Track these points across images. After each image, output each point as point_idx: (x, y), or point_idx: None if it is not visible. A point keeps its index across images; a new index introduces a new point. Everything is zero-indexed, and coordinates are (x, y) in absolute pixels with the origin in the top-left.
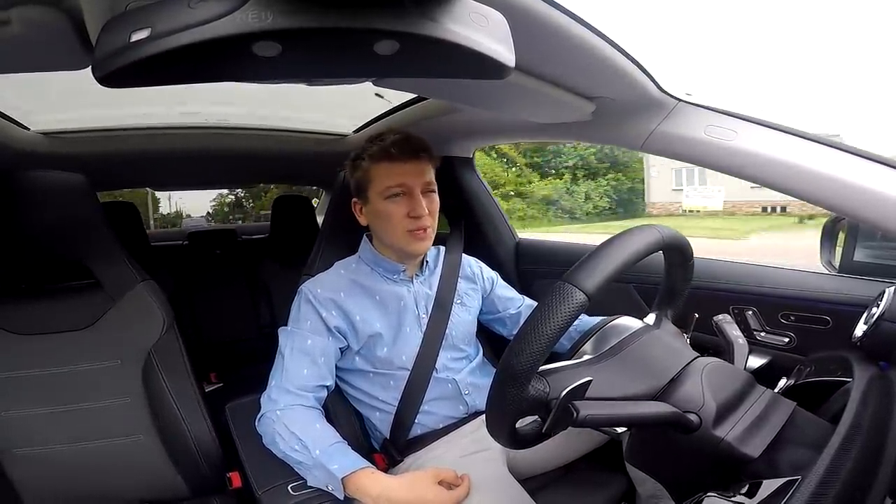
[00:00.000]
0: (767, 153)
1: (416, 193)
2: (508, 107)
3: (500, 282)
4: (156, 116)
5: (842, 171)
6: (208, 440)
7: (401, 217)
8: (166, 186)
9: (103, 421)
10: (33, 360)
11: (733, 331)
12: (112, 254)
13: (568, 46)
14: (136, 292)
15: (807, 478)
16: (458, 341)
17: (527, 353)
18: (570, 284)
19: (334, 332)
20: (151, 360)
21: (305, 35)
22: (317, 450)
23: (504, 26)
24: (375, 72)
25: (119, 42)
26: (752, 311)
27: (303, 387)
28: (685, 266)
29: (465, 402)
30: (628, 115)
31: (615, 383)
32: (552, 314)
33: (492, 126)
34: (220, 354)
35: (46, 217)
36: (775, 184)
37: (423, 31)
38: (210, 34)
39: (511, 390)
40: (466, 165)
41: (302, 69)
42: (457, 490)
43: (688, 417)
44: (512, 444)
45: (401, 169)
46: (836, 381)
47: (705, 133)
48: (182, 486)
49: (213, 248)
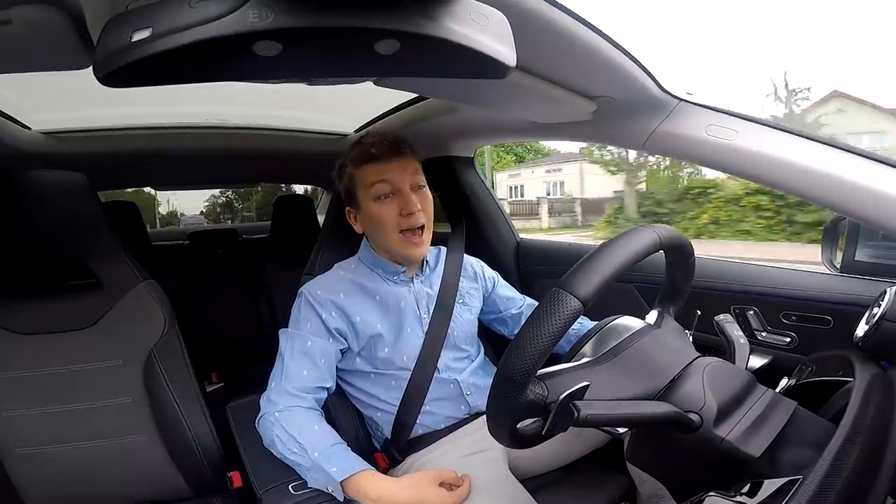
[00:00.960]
0: (768, 153)
1: (405, 190)
2: (509, 106)
3: (500, 281)
4: (157, 116)
5: (843, 171)
6: (209, 440)
7: (393, 217)
8: (167, 186)
9: (104, 421)
10: (34, 359)
11: (734, 330)
12: (113, 253)
13: (569, 46)
14: (138, 292)
15: (808, 477)
16: (459, 341)
17: (523, 359)
18: (563, 291)
19: (334, 334)
20: (153, 359)
21: (306, 34)
22: (315, 452)
23: (505, 25)
24: (376, 71)
25: (120, 42)
26: (753, 310)
27: (302, 388)
28: (686, 264)
29: (467, 402)
30: (629, 114)
31: (615, 385)
32: (546, 321)
33: (493, 125)
34: (221, 354)
35: (47, 216)
36: (776, 183)
37: (424, 31)
38: (211, 34)
39: (509, 395)
40: (467, 165)
41: (302, 68)
42: (458, 491)
43: (689, 417)
44: (513, 445)
45: (384, 167)
46: (838, 381)
47: (706, 133)
48: (183, 485)
49: (214, 247)
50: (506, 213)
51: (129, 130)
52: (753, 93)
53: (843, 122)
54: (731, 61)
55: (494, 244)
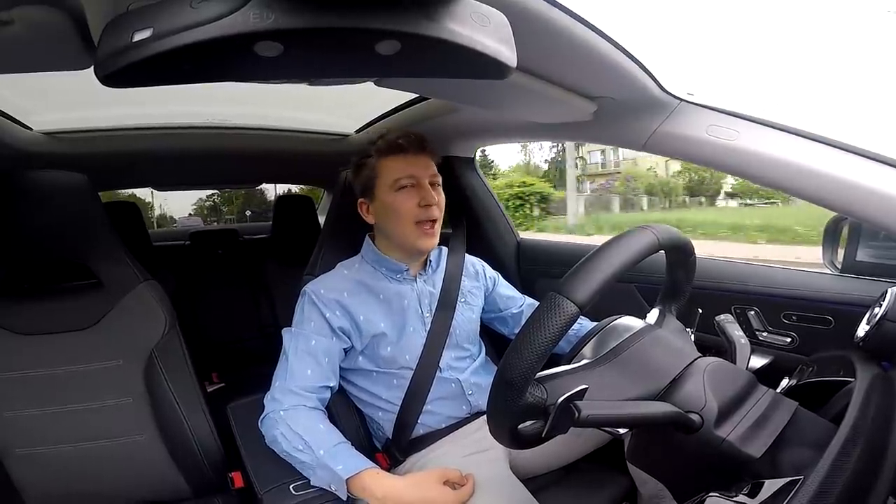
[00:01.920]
0: (770, 153)
1: (424, 184)
2: (510, 107)
3: (501, 281)
4: (158, 116)
5: (844, 171)
6: (210, 440)
7: (410, 207)
8: (168, 186)
9: (105, 421)
10: (35, 360)
11: (735, 331)
12: (114, 253)
13: (569, 46)
14: (138, 292)
15: (809, 478)
16: (461, 340)
17: (520, 364)
18: (560, 296)
19: (338, 333)
20: (153, 359)
21: (307, 35)
22: (321, 450)
23: (505, 26)
24: (377, 71)
25: (121, 42)
26: (754, 310)
27: (307, 387)
28: (686, 263)
29: (469, 401)
30: (630, 115)
31: (615, 387)
32: (543, 326)
33: (493, 126)
34: (222, 354)
35: (48, 217)
36: (778, 183)
37: (425, 31)
38: (212, 34)
39: (508, 399)
40: (468, 165)
41: (303, 69)
42: (461, 490)
43: (690, 417)
44: (514, 445)
45: (410, 160)
46: (839, 382)
47: (707, 133)
48: (184, 486)
49: (214, 247)
50: (506, 213)
51: (130, 131)
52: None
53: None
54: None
55: (495, 244)
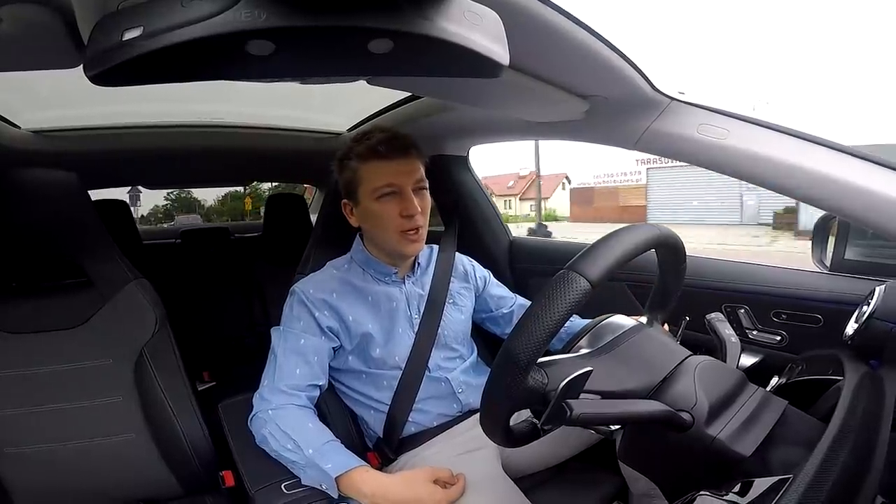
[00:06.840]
0: (760, 151)
1: (407, 192)
2: (502, 105)
3: (492, 280)
4: (148, 114)
5: (833, 170)
6: (201, 439)
7: (393, 217)
8: (158, 185)
9: (95, 420)
10: (24, 358)
11: (726, 329)
12: (104, 252)
13: (561, 45)
14: (129, 291)
15: (798, 476)
16: (450, 341)
17: (529, 339)
18: (574, 272)
19: (327, 332)
20: (143, 358)
21: (299, 34)
22: (310, 449)
23: (498, 24)
24: (369, 70)
25: (111, 40)
26: (744, 309)
27: (295, 386)
28: (677, 270)
29: (459, 400)
30: (621, 113)
31: (611, 377)
32: (556, 301)
33: (486, 125)
34: (212, 353)
35: (38, 215)
36: (767, 182)
37: (418, 30)
38: (202, 32)
39: (510, 378)
40: (461, 164)
41: (295, 68)
42: (452, 489)
43: (680, 416)
44: (505, 442)
45: (390, 168)
46: (828, 380)
47: (698, 132)
48: (175, 484)
49: (205, 246)
50: (499, 212)
51: (119, 129)
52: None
53: None
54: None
55: (488, 243)
